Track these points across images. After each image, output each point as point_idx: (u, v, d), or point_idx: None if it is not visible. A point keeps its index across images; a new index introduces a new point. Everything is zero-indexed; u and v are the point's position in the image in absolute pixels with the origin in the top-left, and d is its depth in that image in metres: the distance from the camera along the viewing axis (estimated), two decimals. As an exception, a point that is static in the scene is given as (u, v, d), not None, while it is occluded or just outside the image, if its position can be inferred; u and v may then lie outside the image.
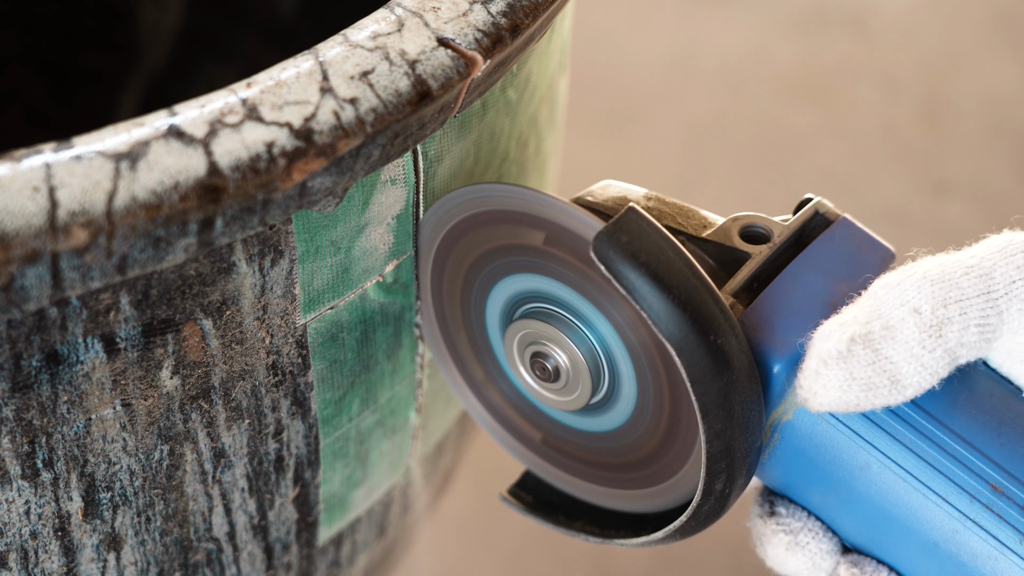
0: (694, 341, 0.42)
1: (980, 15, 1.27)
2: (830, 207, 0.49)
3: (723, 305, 0.43)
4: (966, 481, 0.43)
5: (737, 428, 0.44)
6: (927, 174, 1.14)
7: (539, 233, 0.47)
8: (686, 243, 0.48)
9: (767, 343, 0.45)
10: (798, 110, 1.18)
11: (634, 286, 0.42)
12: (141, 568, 0.49)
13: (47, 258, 0.38)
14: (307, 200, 0.42)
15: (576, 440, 0.50)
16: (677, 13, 1.26)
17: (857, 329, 0.43)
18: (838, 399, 0.43)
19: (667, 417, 0.47)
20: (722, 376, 0.43)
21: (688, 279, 0.43)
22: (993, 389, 0.45)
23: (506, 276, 0.49)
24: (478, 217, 0.48)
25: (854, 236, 0.48)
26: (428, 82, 0.43)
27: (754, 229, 0.48)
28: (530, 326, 0.48)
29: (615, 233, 0.43)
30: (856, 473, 0.45)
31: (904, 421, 0.44)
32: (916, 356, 0.43)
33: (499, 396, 0.52)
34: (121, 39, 0.90)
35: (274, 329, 0.46)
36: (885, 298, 0.44)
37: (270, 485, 0.50)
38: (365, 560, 0.60)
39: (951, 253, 0.45)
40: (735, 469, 0.45)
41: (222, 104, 0.41)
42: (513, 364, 0.49)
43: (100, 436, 0.45)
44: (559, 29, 0.56)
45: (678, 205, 0.50)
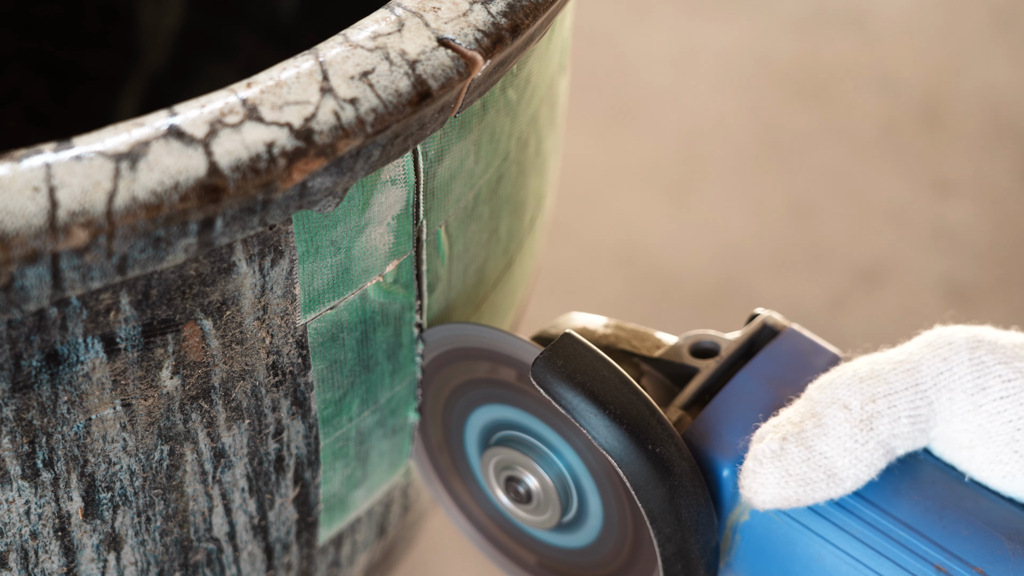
0: (633, 451, 0.45)
1: (980, 15, 1.27)
2: (778, 319, 0.51)
3: (660, 416, 0.46)
4: (913, 564, 0.45)
5: (687, 531, 0.46)
6: (927, 174, 1.14)
7: (511, 370, 0.50)
8: (640, 364, 0.52)
9: (715, 449, 0.47)
10: (798, 110, 1.18)
11: (571, 404, 0.45)
12: (141, 568, 0.49)
13: (47, 258, 0.38)
14: (307, 200, 0.42)
15: (558, 556, 0.53)
16: (677, 13, 1.26)
17: (790, 428, 0.45)
18: (777, 495, 0.45)
19: (631, 530, 0.49)
20: (664, 482, 0.45)
21: (623, 394, 0.46)
22: (935, 476, 0.46)
23: (482, 405, 0.52)
24: (458, 352, 0.51)
25: (800, 344, 0.50)
26: (428, 82, 0.43)
27: (703, 346, 0.51)
28: (504, 453, 0.51)
29: (551, 358, 0.46)
30: (812, 564, 0.47)
31: (849, 512, 0.46)
32: (849, 450, 0.45)
33: (486, 517, 0.55)
34: (121, 39, 0.90)
35: (274, 329, 0.46)
36: (818, 398, 0.46)
37: (270, 485, 0.50)
38: (365, 560, 0.60)
39: (884, 352, 0.47)
40: (692, 570, 0.47)
41: (222, 104, 0.41)
42: (491, 486, 0.52)
43: (100, 436, 0.45)
44: (559, 29, 0.56)
45: (635, 330, 0.53)
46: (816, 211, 1.11)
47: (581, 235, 1.08)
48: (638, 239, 1.09)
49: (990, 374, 0.45)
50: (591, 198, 1.11)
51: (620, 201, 1.12)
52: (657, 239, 1.09)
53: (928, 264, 1.07)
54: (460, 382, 0.52)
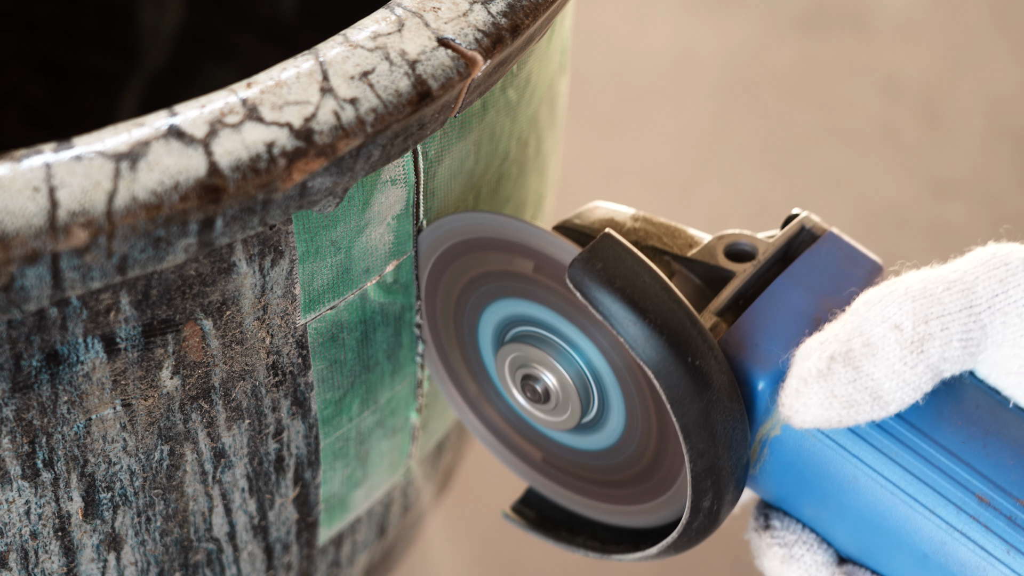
0: (672, 364, 0.43)
1: (980, 15, 1.27)
2: (817, 222, 0.49)
3: (701, 326, 0.44)
4: (953, 493, 0.44)
5: (720, 447, 0.44)
6: (927, 174, 1.14)
7: (528, 261, 0.47)
8: (672, 263, 0.49)
9: (751, 360, 0.45)
10: (798, 110, 1.18)
11: (610, 311, 0.43)
12: (141, 568, 0.49)
13: (47, 258, 0.38)
14: (307, 200, 0.42)
15: (573, 458, 0.51)
16: (677, 13, 1.26)
17: (837, 347, 0.43)
18: (820, 416, 0.44)
19: (655, 435, 0.47)
20: (702, 397, 0.43)
21: (664, 302, 0.43)
22: (980, 400, 0.45)
23: (497, 300, 0.49)
24: (471, 243, 0.48)
25: (840, 250, 0.48)
26: (428, 82, 0.43)
27: (739, 247, 0.49)
28: (520, 349, 0.49)
29: (590, 260, 0.43)
30: (845, 486, 0.45)
31: (890, 434, 0.45)
32: (898, 372, 0.43)
33: (496, 414, 0.53)
34: (121, 39, 0.90)
35: (274, 329, 0.46)
36: (867, 315, 0.44)
37: (270, 485, 0.50)
38: (365, 560, 0.60)
39: (934, 267, 0.45)
40: (721, 487, 0.45)
41: (222, 104, 0.41)
42: (506, 385, 0.50)
43: (100, 436, 0.45)
44: (559, 29, 0.56)
45: (665, 225, 0.50)
46: (816, 211, 1.11)
47: (581, 235, 1.08)
48: (638, 239, 1.08)
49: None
50: (591, 198, 1.11)
51: (620, 201, 1.12)
52: (657, 239, 1.09)
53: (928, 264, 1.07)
54: (473, 275, 0.49)
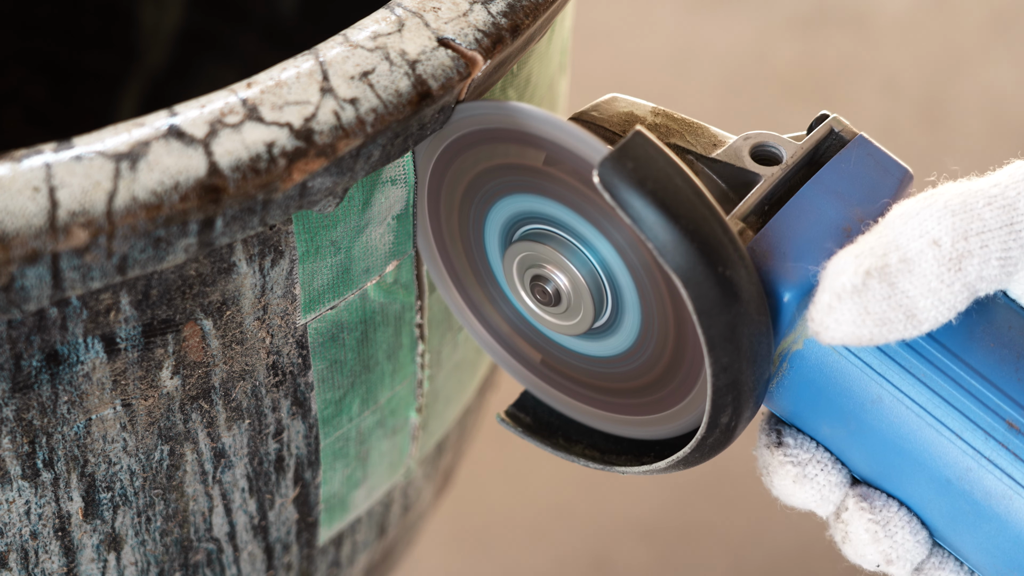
0: (702, 273, 0.41)
1: (980, 15, 1.27)
2: (846, 124, 0.47)
3: (732, 235, 0.42)
4: (981, 417, 0.42)
5: (744, 362, 0.42)
6: (927, 174, 1.14)
7: (539, 152, 0.45)
8: (695, 163, 0.47)
9: (778, 271, 0.43)
10: (798, 110, 1.18)
11: (640, 215, 0.41)
12: (141, 568, 0.49)
13: (47, 258, 0.38)
14: (307, 200, 0.42)
15: (578, 364, 0.49)
16: (677, 13, 1.26)
17: (873, 262, 0.41)
18: (851, 334, 0.42)
19: (672, 344, 0.45)
20: (730, 309, 0.41)
21: (696, 208, 0.41)
22: (1012, 321, 0.43)
23: (505, 196, 0.47)
24: (475, 135, 0.46)
25: (871, 156, 0.46)
26: (428, 82, 0.43)
27: (766, 149, 0.47)
28: (530, 248, 0.46)
29: (621, 159, 0.41)
30: (867, 406, 0.44)
31: (918, 354, 0.43)
32: (934, 290, 0.41)
33: (499, 318, 0.50)
34: (121, 39, 0.90)
35: (274, 329, 0.46)
36: (903, 229, 0.42)
37: (270, 485, 0.50)
38: (365, 560, 0.60)
39: (973, 180, 0.43)
40: (742, 403, 0.43)
41: (222, 104, 0.41)
42: (513, 287, 0.48)
43: (100, 436, 0.45)
44: (559, 29, 0.56)
45: (687, 122, 0.48)
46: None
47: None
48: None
49: None
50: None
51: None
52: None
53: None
54: (479, 170, 0.47)
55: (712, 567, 0.88)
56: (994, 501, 0.42)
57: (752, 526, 0.89)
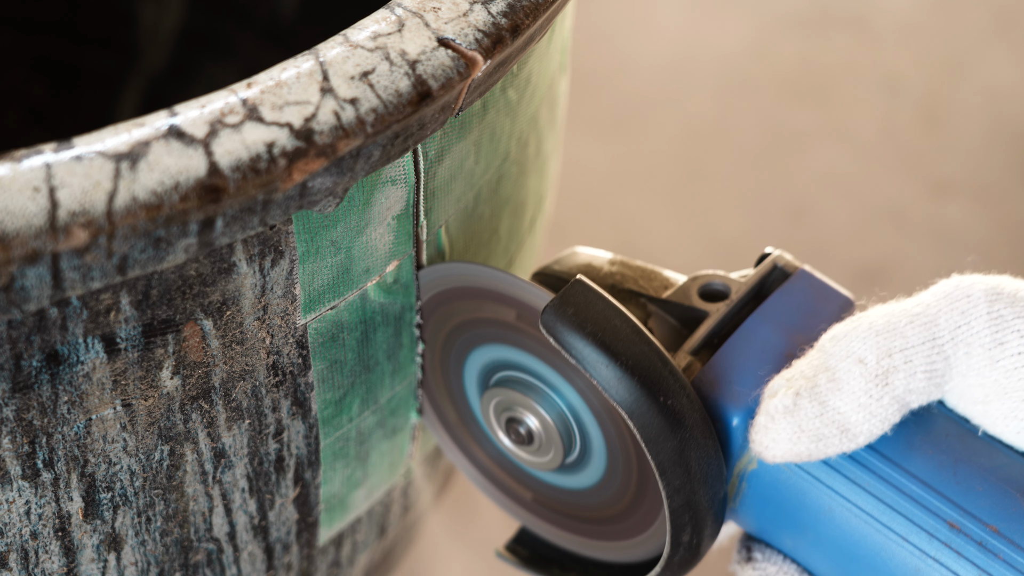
0: (644, 404, 0.44)
1: (980, 15, 1.27)
2: (789, 260, 0.50)
3: (672, 366, 0.45)
4: (924, 520, 0.44)
5: (696, 483, 0.45)
6: (927, 174, 1.14)
7: (511, 310, 0.48)
8: (647, 305, 0.50)
9: (725, 397, 0.46)
10: (798, 110, 1.18)
11: (582, 355, 0.44)
12: (141, 568, 0.49)
13: (47, 258, 0.38)
14: (307, 200, 0.42)
15: (560, 496, 0.52)
16: (677, 13, 1.26)
17: (803, 383, 0.44)
18: (789, 451, 0.44)
19: (636, 474, 0.48)
20: (675, 435, 0.44)
21: (635, 344, 0.44)
22: (950, 429, 0.45)
23: (481, 345, 0.51)
24: (456, 291, 0.50)
25: (812, 287, 0.49)
26: (428, 82, 0.43)
27: (712, 287, 0.50)
28: (504, 393, 0.50)
29: (562, 306, 0.44)
30: (821, 517, 0.46)
31: (861, 465, 0.45)
32: (864, 405, 0.44)
33: (485, 456, 0.54)
34: (121, 39, 0.90)
35: (274, 329, 0.46)
36: (832, 350, 0.45)
37: (270, 485, 0.50)
38: (365, 560, 0.60)
39: (900, 301, 0.46)
40: (700, 521, 0.46)
41: (222, 104, 0.41)
42: (491, 427, 0.51)
43: (100, 436, 0.45)
44: (559, 29, 0.56)
45: (641, 268, 0.52)
46: (816, 211, 1.11)
47: (581, 235, 1.08)
48: (638, 239, 1.09)
49: (1008, 328, 0.44)
50: (591, 198, 1.11)
51: (620, 201, 1.12)
52: (657, 239, 1.09)
53: (928, 264, 1.07)
54: (458, 322, 0.51)
55: (711, 567, 0.88)
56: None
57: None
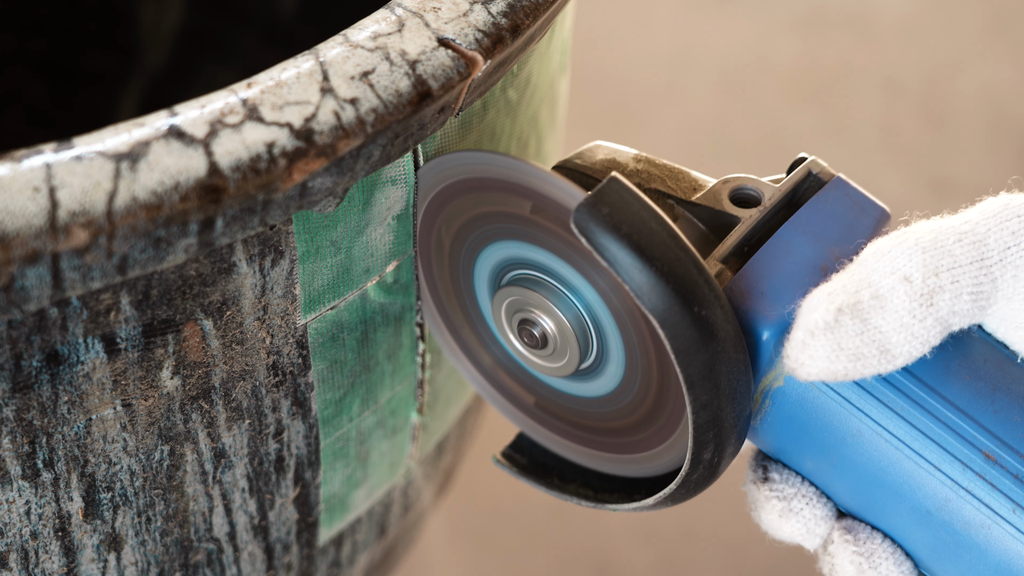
0: (678, 313, 0.42)
1: (980, 15, 1.27)
2: (824, 167, 0.48)
3: (708, 275, 0.43)
4: (958, 449, 0.43)
5: (724, 399, 0.43)
6: (927, 174, 1.14)
7: (526, 202, 0.46)
8: (675, 207, 0.48)
9: (756, 309, 0.45)
10: (798, 110, 1.18)
11: (616, 258, 0.42)
12: (142, 568, 0.49)
13: (47, 258, 0.38)
14: (307, 200, 0.42)
15: (568, 404, 0.50)
16: (677, 13, 1.26)
17: (845, 299, 0.42)
18: (826, 369, 0.42)
19: (656, 384, 0.46)
20: (707, 348, 0.42)
21: (671, 250, 0.42)
22: (988, 355, 0.44)
23: (493, 242, 0.48)
24: (465, 183, 0.47)
25: (848, 197, 0.47)
26: (429, 82, 0.43)
27: (744, 192, 0.48)
28: (517, 293, 0.47)
29: (596, 204, 0.42)
30: (848, 440, 0.44)
31: (896, 388, 0.44)
32: (906, 326, 0.42)
33: (491, 360, 0.52)
34: (121, 39, 0.90)
35: (274, 329, 0.46)
36: (875, 266, 0.43)
37: (270, 485, 0.50)
38: (366, 560, 0.60)
39: (945, 218, 0.44)
40: (723, 439, 0.44)
41: (222, 104, 0.41)
42: (502, 330, 0.49)
43: (100, 436, 0.45)
44: (559, 29, 0.56)
45: (668, 167, 0.49)
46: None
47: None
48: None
49: None
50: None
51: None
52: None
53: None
54: (469, 216, 0.48)
55: (712, 568, 0.88)
56: (973, 531, 0.43)
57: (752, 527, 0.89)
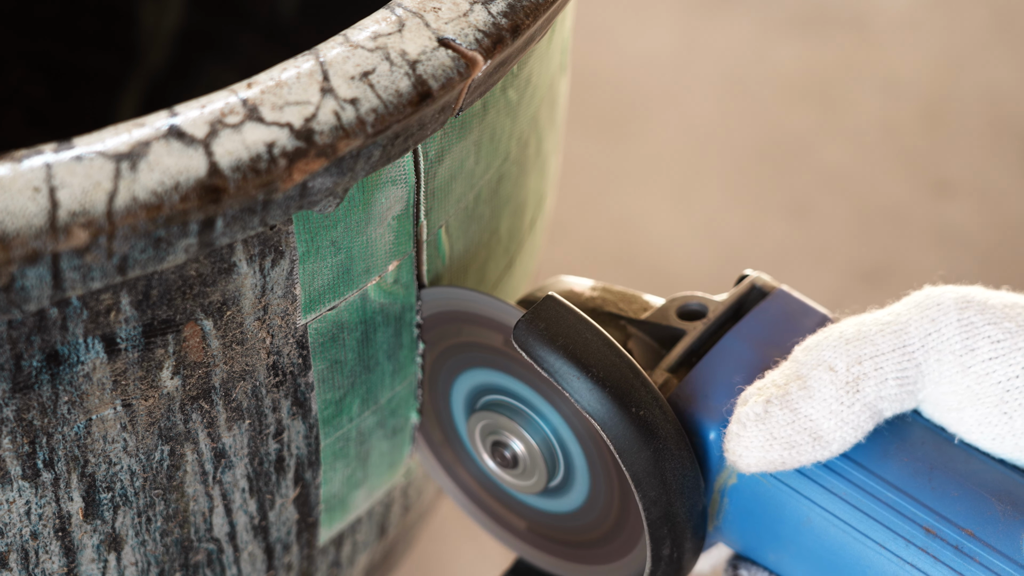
0: (616, 415, 0.44)
1: (980, 15, 1.27)
2: (767, 280, 0.51)
3: (644, 378, 0.45)
4: (901, 527, 0.45)
5: (672, 494, 0.45)
6: (927, 174, 1.14)
7: (498, 335, 0.49)
8: (627, 327, 0.51)
9: (701, 412, 0.47)
10: (799, 110, 1.18)
11: (553, 367, 0.45)
12: (142, 568, 0.49)
13: (48, 258, 0.38)
14: (308, 200, 0.42)
15: (547, 521, 0.52)
16: (677, 13, 1.26)
17: (774, 391, 0.45)
18: (762, 459, 0.44)
19: (617, 493, 0.49)
20: (648, 445, 0.45)
21: (605, 356, 0.45)
22: (925, 437, 0.46)
23: (468, 369, 0.51)
24: (450, 314, 0.50)
25: (789, 305, 0.49)
26: (429, 82, 0.43)
27: (690, 308, 0.50)
28: (490, 417, 0.50)
29: (533, 320, 0.45)
30: (800, 528, 0.46)
31: (836, 474, 0.45)
32: (835, 412, 0.44)
33: (474, 482, 0.54)
34: (121, 39, 0.90)
35: (275, 329, 0.46)
36: (804, 360, 0.45)
37: (271, 485, 0.50)
38: (366, 560, 0.60)
39: (872, 312, 0.46)
40: (678, 533, 0.46)
41: (223, 104, 0.41)
42: (477, 451, 0.52)
43: (101, 436, 0.45)
44: (560, 29, 0.56)
45: (621, 292, 0.52)
46: (816, 211, 1.11)
47: (581, 235, 1.08)
48: (638, 239, 1.09)
49: (978, 335, 0.44)
50: (591, 198, 1.11)
51: (620, 201, 1.12)
52: (657, 239, 1.09)
53: (928, 264, 1.07)
54: (446, 346, 0.51)
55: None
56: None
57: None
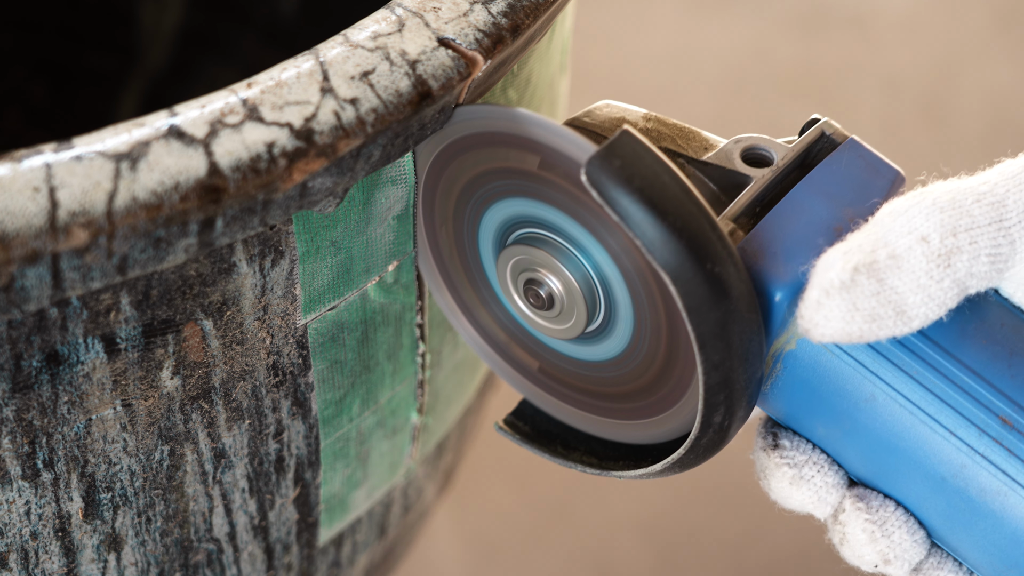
0: (690, 270, 0.41)
1: (980, 15, 1.27)
2: (837, 128, 0.47)
3: (721, 232, 0.42)
4: (975, 414, 0.42)
5: (736, 359, 0.42)
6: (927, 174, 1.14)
7: (533, 156, 0.45)
8: (685, 166, 0.47)
9: (769, 270, 0.43)
10: (799, 110, 1.18)
11: (627, 212, 0.41)
12: (142, 568, 0.49)
13: (47, 258, 0.38)
14: (308, 200, 0.42)
15: (573, 369, 0.49)
16: (678, 13, 1.26)
17: (862, 258, 0.41)
18: (841, 330, 0.41)
19: (665, 346, 0.45)
20: (720, 306, 0.41)
21: (684, 204, 0.41)
22: (1005, 319, 0.43)
23: (499, 200, 0.47)
24: (470, 139, 0.46)
25: (862, 158, 0.46)
26: (429, 82, 0.43)
27: (757, 151, 0.47)
28: (523, 252, 0.46)
29: (608, 157, 0.41)
30: (861, 405, 0.43)
31: (911, 352, 0.43)
32: (923, 287, 0.41)
33: (494, 323, 0.50)
34: (122, 39, 0.90)
35: (275, 329, 0.46)
36: (892, 225, 0.42)
37: (270, 485, 0.50)
38: (366, 560, 0.60)
39: (963, 178, 0.43)
40: (734, 401, 0.43)
41: (222, 104, 0.41)
42: (507, 291, 0.47)
43: (100, 436, 0.45)
44: (560, 29, 0.56)
45: (679, 126, 0.48)
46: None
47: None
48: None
49: None
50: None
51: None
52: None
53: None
54: (475, 173, 0.47)
55: (712, 567, 0.88)
56: (989, 498, 0.42)
57: (752, 527, 0.89)
